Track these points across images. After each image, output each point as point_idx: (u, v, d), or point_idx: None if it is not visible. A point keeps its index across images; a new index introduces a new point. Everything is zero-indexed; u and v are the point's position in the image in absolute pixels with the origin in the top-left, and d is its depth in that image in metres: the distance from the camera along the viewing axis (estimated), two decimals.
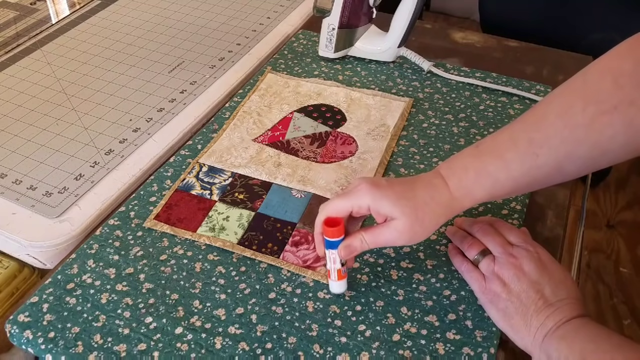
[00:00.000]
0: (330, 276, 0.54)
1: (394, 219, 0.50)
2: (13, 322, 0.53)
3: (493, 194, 0.51)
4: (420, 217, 0.50)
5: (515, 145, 0.49)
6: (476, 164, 0.50)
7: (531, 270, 0.51)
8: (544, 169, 0.48)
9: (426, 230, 0.51)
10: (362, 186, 0.51)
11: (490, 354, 0.50)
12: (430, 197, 0.50)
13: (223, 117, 0.77)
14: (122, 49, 0.92)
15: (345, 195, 0.51)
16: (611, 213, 1.71)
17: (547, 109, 0.49)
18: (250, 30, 0.97)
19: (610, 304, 1.46)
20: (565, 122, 0.47)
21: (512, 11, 1.46)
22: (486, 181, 0.50)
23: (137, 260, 0.59)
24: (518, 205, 0.64)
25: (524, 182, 0.50)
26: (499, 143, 0.50)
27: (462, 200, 0.51)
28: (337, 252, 0.52)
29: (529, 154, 0.48)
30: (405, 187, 0.51)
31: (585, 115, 0.46)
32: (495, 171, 0.49)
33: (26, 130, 0.76)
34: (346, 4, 0.82)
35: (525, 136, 0.49)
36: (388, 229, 0.50)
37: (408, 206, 0.49)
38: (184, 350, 0.51)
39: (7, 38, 0.95)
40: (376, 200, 0.50)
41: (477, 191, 0.51)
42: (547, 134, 0.48)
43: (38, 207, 0.65)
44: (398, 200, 0.50)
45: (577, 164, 0.48)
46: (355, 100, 0.79)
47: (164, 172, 0.69)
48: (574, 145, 0.47)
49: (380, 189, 0.50)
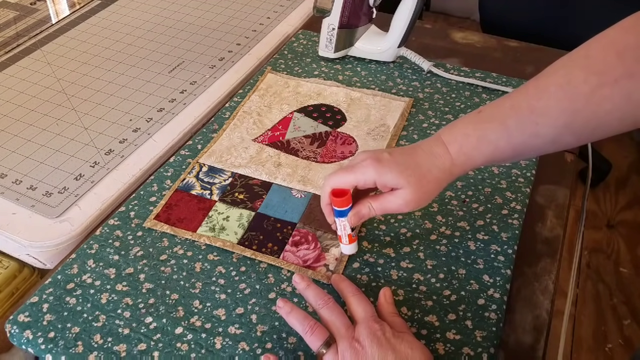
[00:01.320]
0: (342, 240, 0.57)
1: (399, 188, 0.52)
2: (13, 322, 0.53)
3: (492, 160, 0.52)
4: (424, 185, 0.52)
5: (516, 113, 0.50)
6: (477, 131, 0.51)
7: (374, 352, 0.46)
8: (543, 137, 0.49)
9: (430, 196, 0.53)
10: (367, 162, 0.52)
11: (490, 354, 0.50)
12: (433, 165, 0.52)
13: (223, 117, 0.77)
14: (122, 49, 0.92)
15: (351, 170, 0.53)
16: (611, 213, 1.71)
17: (549, 79, 0.49)
18: (250, 30, 0.97)
19: (610, 304, 1.46)
20: (566, 93, 0.47)
21: (512, 11, 1.46)
22: (486, 148, 0.51)
23: (137, 260, 0.59)
24: (518, 205, 0.64)
25: (522, 149, 0.51)
26: (500, 110, 0.51)
27: (462, 166, 0.52)
28: (347, 219, 0.55)
29: (530, 122, 0.49)
30: (408, 158, 0.52)
31: (586, 86, 0.46)
32: (496, 138, 0.50)
33: (26, 130, 0.76)
34: (346, 4, 0.82)
35: (526, 105, 0.49)
36: (395, 198, 0.52)
37: (413, 175, 0.51)
38: (184, 350, 0.51)
39: (7, 38, 0.95)
40: (381, 174, 0.52)
41: (477, 157, 0.52)
42: (548, 103, 0.48)
43: (38, 207, 0.65)
44: (402, 172, 0.51)
45: (575, 135, 0.49)
46: (355, 100, 0.79)
47: (164, 172, 0.69)
48: (573, 115, 0.47)
49: (383, 163, 0.52)
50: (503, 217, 0.62)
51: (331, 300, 0.51)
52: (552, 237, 0.64)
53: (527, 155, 0.53)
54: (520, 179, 0.67)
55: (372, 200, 0.54)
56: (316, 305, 0.51)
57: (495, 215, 0.63)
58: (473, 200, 0.64)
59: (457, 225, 0.62)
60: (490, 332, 0.52)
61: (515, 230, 0.61)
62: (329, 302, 0.51)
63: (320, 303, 0.51)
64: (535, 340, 0.55)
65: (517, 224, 0.62)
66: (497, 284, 0.56)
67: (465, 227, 0.61)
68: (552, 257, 0.62)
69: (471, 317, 0.53)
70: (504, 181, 0.67)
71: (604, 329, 1.41)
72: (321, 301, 0.51)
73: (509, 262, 0.58)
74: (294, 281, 0.54)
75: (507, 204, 0.64)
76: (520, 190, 0.65)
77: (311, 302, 0.52)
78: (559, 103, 0.48)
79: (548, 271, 0.60)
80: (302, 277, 0.54)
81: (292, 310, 0.51)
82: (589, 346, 1.38)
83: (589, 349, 1.37)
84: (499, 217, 0.62)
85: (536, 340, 0.55)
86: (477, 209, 0.63)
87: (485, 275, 0.56)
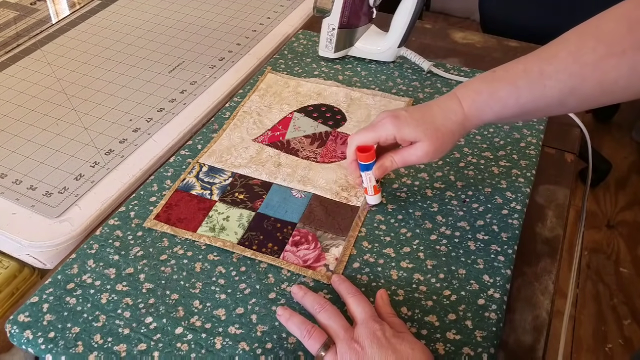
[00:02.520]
0: (368, 192, 0.63)
1: (418, 141, 0.56)
2: (13, 322, 0.53)
3: (501, 116, 0.56)
4: (439, 136, 0.56)
5: (527, 75, 0.53)
6: (489, 88, 0.55)
7: (374, 353, 0.46)
8: (549, 99, 0.52)
9: (446, 147, 0.57)
10: (386, 120, 0.57)
11: (490, 354, 0.50)
12: (447, 118, 0.56)
13: (223, 117, 0.77)
14: (122, 49, 0.92)
15: (372, 128, 0.59)
16: (611, 213, 1.71)
17: (560, 46, 0.52)
18: (250, 30, 0.97)
19: (611, 304, 1.46)
20: (575, 59, 0.50)
21: (512, 11, 1.46)
22: (496, 104, 0.54)
23: (137, 260, 0.59)
24: (518, 205, 0.64)
25: (529, 109, 0.54)
26: (512, 71, 0.54)
27: (474, 120, 0.56)
28: (372, 172, 0.61)
29: (538, 84, 0.52)
30: (424, 112, 0.57)
31: (595, 54, 0.49)
32: (506, 96, 0.54)
33: (26, 130, 0.76)
34: (346, 4, 0.82)
35: (537, 68, 0.52)
36: (414, 150, 0.57)
37: (429, 128, 0.56)
38: (184, 350, 0.51)
39: (7, 38, 0.95)
40: (400, 129, 0.57)
41: (487, 112, 0.55)
42: (558, 67, 0.51)
43: (38, 207, 0.65)
44: (419, 125, 0.56)
45: (579, 100, 0.52)
46: (355, 100, 0.79)
47: (164, 172, 0.69)
48: (580, 81, 0.50)
49: (401, 119, 0.57)
50: (503, 217, 0.62)
51: (327, 303, 0.51)
52: (552, 237, 0.64)
53: (535, 115, 0.57)
54: (520, 179, 0.67)
55: (394, 154, 0.59)
56: (313, 311, 0.51)
57: (495, 215, 0.63)
58: (473, 200, 0.64)
59: (457, 225, 0.62)
60: (490, 332, 0.52)
61: (515, 230, 0.61)
62: (325, 305, 0.51)
63: (317, 308, 0.51)
64: (535, 341, 0.55)
65: (517, 224, 0.62)
66: (497, 284, 0.56)
67: (465, 227, 0.61)
68: (552, 257, 0.62)
69: (471, 317, 0.53)
70: (504, 181, 0.67)
71: (604, 329, 1.41)
72: (318, 306, 0.51)
73: (509, 262, 0.58)
74: (292, 292, 0.54)
75: (507, 204, 0.64)
76: (520, 190, 0.65)
77: (309, 308, 0.52)
78: (568, 68, 0.51)
79: (548, 271, 0.60)
80: (299, 287, 0.54)
81: (291, 316, 0.51)
82: (589, 346, 1.38)
83: (589, 349, 1.37)
84: (499, 217, 0.62)
85: (536, 340, 0.55)
86: (477, 209, 0.63)
87: (485, 275, 0.56)
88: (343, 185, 0.66)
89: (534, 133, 0.73)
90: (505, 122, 0.65)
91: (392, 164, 0.59)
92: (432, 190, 0.66)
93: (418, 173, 0.68)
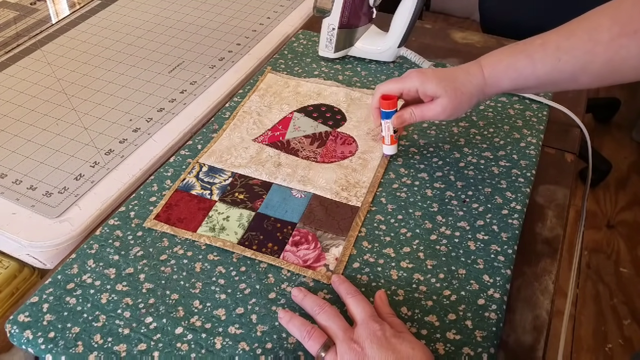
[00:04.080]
0: (385, 141, 0.68)
1: (438, 97, 0.61)
2: (13, 322, 0.53)
3: (517, 85, 0.60)
4: (458, 96, 0.61)
5: (544, 49, 0.57)
6: (509, 59, 0.60)
7: (374, 354, 0.46)
8: (563, 73, 0.57)
9: (463, 107, 0.62)
10: (412, 73, 0.63)
11: (490, 354, 0.50)
12: (468, 81, 0.61)
13: (223, 117, 0.77)
14: (122, 49, 0.92)
15: (398, 79, 0.64)
16: (611, 213, 1.71)
17: (580, 24, 0.56)
18: (250, 30, 0.97)
19: (610, 304, 1.46)
20: (590, 37, 0.54)
21: (512, 11, 1.46)
22: (513, 74, 0.59)
23: (137, 260, 0.59)
24: (518, 205, 0.64)
25: (543, 81, 0.58)
26: (532, 45, 0.58)
27: (492, 87, 0.61)
28: (391, 121, 0.65)
29: (554, 58, 0.56)
30: (448, 73, 0.62)
31: (608, 33, 0.52)
32: (523, 67, 0.58)
33: (26, 130, 0.76)
34: (346, 4, 0.82)
35: (554, 43, 0.56)
36: (434, 105, 0.62)
37: (449, 87, 0.61)
38: (184, 350, 0.51)
39: (7, 38, 0.95)
40: (423, 83, 0.61)
41: (504, 81, 0.60)
42: (573, 44, 0.55)
43: (38, 207, 0.65)
44: (441, 82, 0.61)
45: (591, 76, 0.56)
46: (355, 100, 0.79)
47: (164, 172, 0.69)
48: (592, 58, 0.54)
49: (427, 74, 0.62)
50: (503, 217, 0.62)
51: (327, 305, 0.51)
52: (552, 237, 0.64)
53: (549, 88, 0.61)
54: (520, 179, 0.67)
55: (414, 107, 0.64)
56: (313, 313, 0.51)
57: (495, 215, 0.63)
58: (473, 200, 0.64)
59: (457, 225, 0.62)
60: (490, 332, 0.52)
61: (515, 230, 0.61)
62: (325, 306, 0.51)
63: (317, 309, 0.51)
64: (535, 340, 0.55)
65: (517, 224, 0.62)
66: (497, 284, 0.56)
67: (465, 227, 0.61)
68: (552, 257, 0.62)
69: (471, 317, 0.53)
70: (504, 181, 0.67)
71: (604, 329, 1.41)
72: (317, 307, 0.51)
73: (509, 262, 0.58)
74: (292, 295, 0.54)
75: (507, 204, 0.64)
76: (520, 190, 0.65)
77: (308, 310, 0.52)
78: (582, 45, 0.54)
79: (548, 271, 0.60)
80: (299, 289, 0.54)
81: (291, 318, 0.51)
82: (589, 346, 1.38)
83: (589, 349, 1.37)
84: (499, 217, 0.62)
85: (536, 340, 0.55)
86: (477, 209, 0.63)
87: (485, 275, 0.56)
88: (343, 185, 0.66)
89: (534, 133, 0.73)
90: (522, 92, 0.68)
91: (411, 117, 0.64)
92: (432, 190, 0.66)
93: (418, 173, 0.68)
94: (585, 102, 0.83)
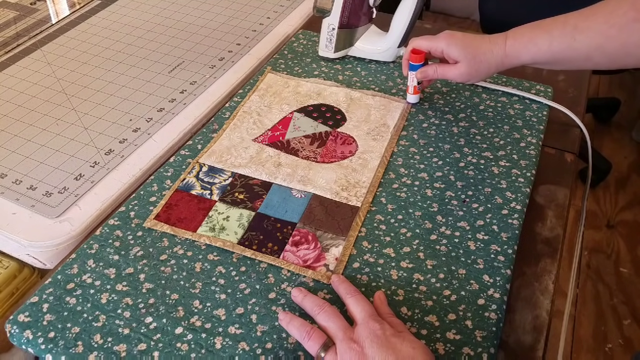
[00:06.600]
0: (409, 91, 0.77)
1: (459, 61, 0.68)
2: (13, 322, 0.53)
3: (536, 60, 0.65)
4: (477, 64, 0.67)
5: (563, 27, 0.61)
6: (530, 33, 0.64)
7: (374, 353, 0.46)
8: (577, 52, 0.61)
9: (479, 74, 0.68)
10: (443, 35, 0.70)
11: (490, 354, 0.50)
12: (489, 50, 0.66)
13: (223, 117, 0.77)
14: (122, 49, 0.92)
15: (429, 38, 0.71)
16: (611, 213, 1.71)
17: (601, 7, 0.59)
18: (250, 30, 0.97)
19: (611, 304, 1.46)
20: (606, 19, 0.58)
21: (512, 11, 1.46)
22: (533, 48, 0.64)
23: (137, 260, 0.59)
24: (518, 205, 0.64)
25: (559, 57, 0.62)
26: (554, 22, 0.62)
27: (512, 58, 0.65)
28: (416, 73, 0.74)
29: (570, 36, 0.60)
30: (473, 41, 0.68)
31: (624, 18, 0.56)
32: (541, 42, 0.63)
33: (26, 130, 0.76)
34: (346, 4, 0.82)
35: (573, 22, 0.60)
36: (454, 68, 0.69)
37: (471, 54, 0.67)
38: (184, 350, 0.51)
39: (7, 38, 0.95)
40: (449, 46, 0.68)
41: (524, 54, 0.65)
42: (590, 25, 0.59)
43: (38, 207, 0.65)
44: (464, 48, 0.67)
45: (604, 57, 0.59)
46: (355, 100, 0.79)
47: (164, 172, 0.69)
48: (606, 40, 0.58)
49: (455, 38, 0.68)
50: (503, 217, 0.62)
51: (326, 305, 0.51)
52: (552, 237, 0.64)
53: (565, 65, 0.64)
54: (520, 179, 0.67)
55: (438, 65, 0.71)
56: (312, 313, 0.52)
57: (495, 215, 0.63)
58: (473, 200, 0.64)
59: (457, 225, 0.62)
60: (490, 332, 0.52)
61: (515, 230, 0.61)
62: (324, 307, 0.51)
63: (316, 310, 0.51)
64: (535, 340, 0.55)
65: (517, 224, 0.62)
66: (497, 284, 0.56)
67: (465, 227, 0.61)
68: (552, 257, 0.62)
69: (471, 317, 0.53)
70: (504, 181, 0.67)
71: (604, 329, 1.41)
72: (317, 308, 0.51)
73: (509, 262, 0.58)
74: (293, 296, 0.54)
75: (507, 204, 0.64)
76: (520, 190, 0.65)
77: (308, 310, 0.52)
78: (597, 26, 0.58)
79: (548, 271, 0.60)
80: (299, 289, 0.54)
81: (291, 320, 0.51)
82: (589, 346, 1.38)
83: (589, 349, 1.37)
84: (499, 217, 0.62)
85: (536, 340, 0.55)
86: (477, 209, 0.63)
87: (485, 275, 0.56)
88: (343, 185, 0.66)
89: (534, 133, 0.73)
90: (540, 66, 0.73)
91: (434, 73, 0.71)
92: (432, 190, 0.66)
93: (418, 173, 0.68)
94: (585, 102, 0.83)
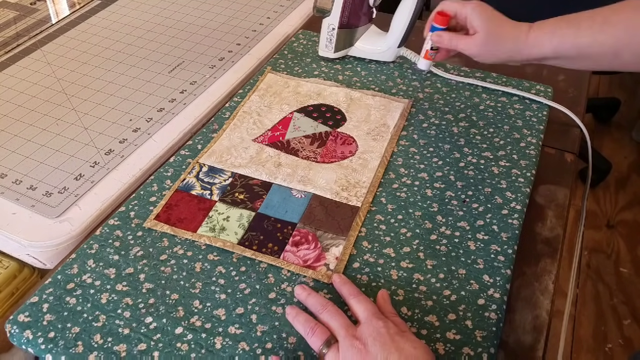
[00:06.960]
0: (421, 54, 0.75)
1: (478, 32, 0.65)
2: (13, 322, 0.53)
3: (558, 53, 0.62)
4: (490, 43, 0.65)
5: (591, 19, 0.59)
6: (557, 23, 0.62)
7: (377, 351, 0.46)
8: (604, 47, 0.58)
9: (491, 56, 0.66)
10: (472, 3, 0.67)
11: (490, 354, 0.50)
12: (510, 33, 0.64)
13: (223, 117, 0.77)
14: (122, 49, 0.92)
15: (459, 2, 0.68)
16: (611, 213, 1.71)
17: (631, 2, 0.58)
18: (250, 30, 0.97)
19: (611, 304, 1.46)
20: (635, 14, 0.56)
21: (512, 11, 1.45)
22: (556, 39, 0.61)
23: (137, 260, 0.59)
24: (518, 205, 0.64)
25: (584, 52, 0.60)
26: (582, 15, 0.60)
27: (531, 47, 0.63)
28: (432, 35, 0.71)
29: (598, 28, 0.58)
30: (500, 19, 0.65)
31: None
32: (566, 34, 0.61)
33: (26, 130, 0.76)
34: (346, 4, 0.82)
35: (602, 15, 0.59)
36: (469, 39, 0.67)
37: (492, 28, 0.65)
38: (184, 350, 0.51)
39: (7, 38, 0.95)
40: (473, 14, 0.66)
41: (546, 45, 0.62)
42: (620, 19, 0.57)
43: (38, 207, 0.65)
44: (488, 20, 0.65)
45: (631, 54, 0.58)
46: (355, 100, 0.79)
47: (164, 172, 0.69)
48: (634, 36, 0.56)
49: (482, 7, 0.66)
50: (503, 217, 0.62)
51: (329, 303, 0.51)
52: (552, 237, 0.64)
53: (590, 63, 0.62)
54: (520, 179, 0.67)
55: (455, 34, 0.69)
56: (316, 312, 0.52)
57: (495, 215, 0.63)
58: (473, 200, 0.64)
59: (457, 225, 0.62)
60: (490, 332, 0.52)
61: (515, 230, 0.61)
62: (327, 305, 0.51)
63: (319, 308, 0.51)
64: (535, 340, 0.55)
65: (517, 224, 0.62)
66: (497, 284, 0.56)
67: (465, 227, 0.61)
68: (552, 257, 0.62)
69: (471, 317, 0.53)
70: (504, 181, 0.67)
71: (604, 329, 1.41)
72: (320, 306, 0.51)
73: (509, 262, 0.58)
74: (296, 293, 0.54)
75: (507, 204, 0.64)
76: (520, 190, 0.65)
77: (311, 308, 0.52)
78: (628, 21, 0.57)
79: (548, 271, 0.60)
80: (303, 287, 0.54)
81: (297, 314, 0.52)
82: (589, 346, 1.38)
83: (589, 349, 1.37)
84: (499, 217, 0.62)
85: (536, 340, 0.55)
86: (477, 209, 0.63)
87: (485, 275, 0.56)
88: (343, 185, 0.66)
89: (534, 133, 0.73)
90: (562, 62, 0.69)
91: (449, 41, 0.69)
92: (432, 190, 0.66)
93: (418, 173, 0.68)
94: (585, 102, 0.83)
